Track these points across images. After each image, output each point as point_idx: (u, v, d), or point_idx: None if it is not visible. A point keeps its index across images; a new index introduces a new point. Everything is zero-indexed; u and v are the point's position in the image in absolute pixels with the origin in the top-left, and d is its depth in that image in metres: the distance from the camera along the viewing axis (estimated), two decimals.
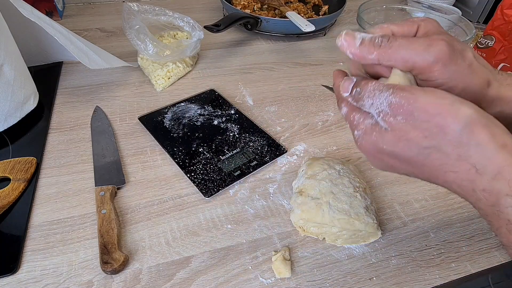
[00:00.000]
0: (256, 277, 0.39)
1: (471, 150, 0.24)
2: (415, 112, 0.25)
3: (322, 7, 0.92)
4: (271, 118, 0.60)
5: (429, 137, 0.25)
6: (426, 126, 0.25)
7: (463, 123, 0.24)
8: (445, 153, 0.25)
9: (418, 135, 0.25)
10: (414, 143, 0.26)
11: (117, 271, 0.38)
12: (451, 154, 0.25)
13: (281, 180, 0.50)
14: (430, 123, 0.25)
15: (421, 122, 0.25)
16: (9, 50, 0.51)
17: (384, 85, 0.27)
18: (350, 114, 0.30)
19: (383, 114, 0.27)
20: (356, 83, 0.29)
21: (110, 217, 0.42)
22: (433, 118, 0.25)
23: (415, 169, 0.27)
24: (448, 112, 0.25)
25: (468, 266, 0.42)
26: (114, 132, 0.55)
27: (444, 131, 0.25)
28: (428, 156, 0.26)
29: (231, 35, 0.82)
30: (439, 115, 0.25)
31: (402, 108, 0.26)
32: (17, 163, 0.48)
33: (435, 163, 0.26)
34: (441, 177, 0.26)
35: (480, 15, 0.91)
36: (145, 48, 0.61)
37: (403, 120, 0.26)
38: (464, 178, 0.25)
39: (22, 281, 0.38)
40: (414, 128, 0.26)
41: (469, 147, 0.24)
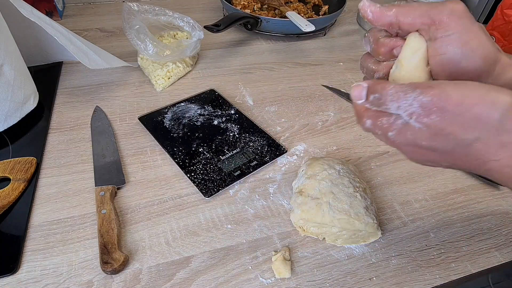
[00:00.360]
0: (256, 277, 0.39)
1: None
2: (450, 108, 0.24)
3: (322, 7, 0.92)
4: (271, 118, 0.60)
5: (468, 129, 0.25)
6: (462, 120, 0.24)
7: (502, 110, 0.24)
8: (486, 143, 0.24)
9: (456, 129, 0.25)
10: (452, 136, 0.25)
11: (117, 271, 0.38)
12: (492, 143, 0.24)
13: (281, 180, 0.50)
14: (466, 115, 0.24)
15: (456, 116, 0.24)
16: (9, 50, 0.51)
17: (407, 86, 0.26)
18: (376, 121, 0.29)
19: (415, 116, 0.26)
20: (370, 89, 0.28)
21: (110, 217, 0.42)
22: (469, 110, 0.24)
23: (456, 160, 0.27)
24: (485, 101, 0.24)
25: (468, 266, 0.42)
26: (114, 132, 0.55)
27: (482, 121, 0.24)
28: (469, 147, 0.25)
29: (231, 35, 0.82)
30: (476, 105, 0.24)
31: (435, 107, 0.25)
32: (17, 163, 0.48)
33: (477, 153, 0.25)
34: (482, 167, 0.26)
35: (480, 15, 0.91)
36: (145, 48, 0.61)
37: (438, 118, 0.25)
38: (505, 165, 0.25)
39: (22, 281, 0.38)
40: (451, 124, 0.25)
41: (511, 133, 0.24)
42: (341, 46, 0.82)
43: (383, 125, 0.28)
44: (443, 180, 0.51)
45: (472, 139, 0.25)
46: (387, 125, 0.28)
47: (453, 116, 0.25)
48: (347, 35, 0.86)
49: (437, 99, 0.25)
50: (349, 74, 0.72)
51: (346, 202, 0.42)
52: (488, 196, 0.50)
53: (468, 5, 0.93)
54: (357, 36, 0.85)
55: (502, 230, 0.46)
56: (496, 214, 0.47)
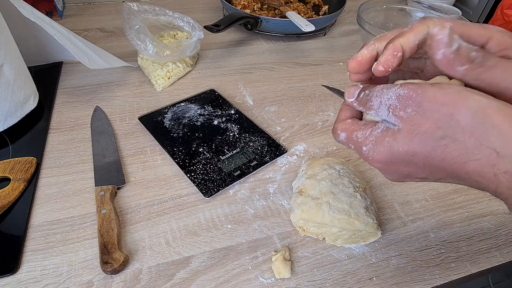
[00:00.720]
0: (256, 277, 0.39)
1: (489, 133, 0.23)
2: (425, 102, 0.25)
3: (322, 7, 0.92)
4: (271, 118, 0.60)
5: (442, 127, 0.25)
6: (437, 116, 0.25)
7: (474, 109, 0.24)
8: (462, 142, 0.24)
9: (431, 126, 0.25)
10: (428, 135, 0.25)
11: (117, 271, 0.38)
12: (468, 142, 0.24)
13: (281, 180, 0.50)
14: (441, 112, 0.24)
15: (431, 112, 0.25)
16: (9, 50, 0.51)
17: (392, 84, 0.27)
18: (351, 136, 0.29)
19: (392, 108, 0.26)
20: (364, 88, 0.29)
21: (110, 217, 0.42)
22: (443, 107, 0.24)
23: (434, 168, 0.26)
24: (457, 100, 0.24)
25: (468, 266, 0.42)
26: (114, 132, 0.55)
27: (456, 119, 0.24)
28: (445, 148, 0.25)
29: (231, 35, 0.82)
30: (449, 103, 0.24)
31: (411, 99, 0.25)
32: (17, 163, 0.48)
33: (453, 154, 0.25)
34: (462, 170, 0.25)
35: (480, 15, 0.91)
36: (145, 48, 0.61)
37: (413, 112, 0.25)
38: (485, 164, 0.24)
39: (22, 281, 0.38)
40: (426, 118, 0.25)
41: (486, 131, 0.23)
42: (341, 46, 0.82)
43: (358, 139, 0.29)
44: None
45: (446, 137, 0.25)
46: (361, 139, 0.28)
47: (428, 111, 0.25)
48: (347, 35, 0.86)
49: (413, 92, 0.25)
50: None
51: (346, 202, 0.42)
52: (488, 196, 0.50)
53: (468, 5, 0.93)
54: (357, 36, 0.85)
55: (502, 230, 0.46)
56: (496, 214, 0.47)
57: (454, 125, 0.24)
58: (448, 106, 0.24)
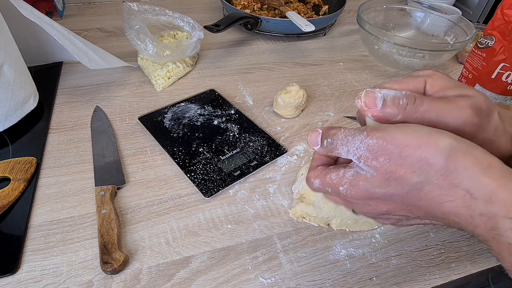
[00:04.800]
0: (256, 277, 0.39)
1: (461, 175, 0.24)
2: (396, 150, 0.25)
3: (322, 7, 0.92)
4: (271, 118, 0.60)
5: (417, 171, 0.25)
6: (410, 161, 0.25)
7: (446, 152, 0.24)
8: (437, 184, 0.25)
9: (406, 171, 0.25)
10: (403, 180, 0.25)
11: (117, 271, 0.38)
12: (443, 183, 0.24)
13: (281, 180, 0.50)
14: (413, 157, 0.24)
15: (404, 158, 0.25)
16: (9, 50, 0.51)
17: (355, 129, 0.27)
18: (325, 180, 0.29)
19: (363, 159, 0.26)
20: (324, 134, 0.29)
21: (110, 217, 0.42)
22: (414, 151, 0.24)
23: (412, 207, 0.27)
24: (428, 143, 0.24)
25: (468, 266, 0.42)
26: (114, 132, 0.55)
27: (429, 163, 0.24)
28: (421, 190, 0.25)
29: (231, 35, 0.82)
30: (420, 147, 0.24)
31: (381, 149, 0.25)
32: (17, 163, 0.48)
33: (429, 195, 0.25)
34: (438, 210, 0.26)
35: (480, 15, 0.91)
36: (145, 48, 0.61)
37: (386, 161, 0.25)
38: (460, 205, 0.24)
39: (22, 281, 0.38)
40: (400, 166, 0.25)
41: (458, 173, 0.24)
42: (341, 46, 0.82)
43: (332, 181, 0.28)
44: None
45: (423, 181, 0.25)
46: (336, 180, 0.28)
47: (400, 157, 0.25)
48: (347, 35, 0.86)
49: (382, 141, 0.25)
50: (349, 74, 0.72)
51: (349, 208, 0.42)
52: None
53: (468, 5, 0.93)
54: (357, 36, 0.85)
55: None
56: None
57: (428, 169, 0.24)
58: (421, 150, 0.24)
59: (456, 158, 0.24)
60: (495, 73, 0.57)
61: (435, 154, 0.24)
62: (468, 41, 0.65)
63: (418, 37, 0.80)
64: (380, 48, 0.70)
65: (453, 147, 0.24)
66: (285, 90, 0.59)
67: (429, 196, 0.25)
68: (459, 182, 0.24)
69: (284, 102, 0.58)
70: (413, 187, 0.25)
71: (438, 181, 0.24)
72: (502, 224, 0.23)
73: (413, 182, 0.25)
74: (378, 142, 0.25)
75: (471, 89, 0.28)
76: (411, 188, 0.25)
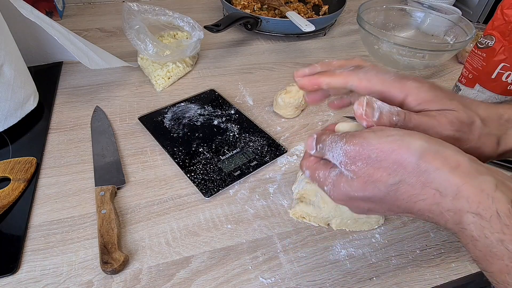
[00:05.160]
0: (256, 277, 0.39)
1: (431, 176, 0.26)
2: (372, 154, 0.27)
3: (322, 7, 0.92)
4: (271, 118, 0.60)
5: (392, 174, 0.27)
6: (386, 165, 0.27)
7: (417, 154, 0.26)
8: (411, 185, 0.26)
9: (382, 174, 0.27)
10: (381, 183, 0.27)
11: (117, 271, 0.38)
12: (416, 184, 0.26)
13: (281, 180, 0.50)
14: (388, 160, 0.26)
15: (380, 161, 0.27)
16: (9, 50, 0.51)
17: (337, 136, 0.29)
18: (314, 174, 0.31)
19: (343, 164, 0.28)
20: (317, 139, 0.31)
21: (110, 217, 0.42)
22: (389, 155, 0.26)
23: (391, 206, 0.28)
24: (401, 147, 0.26)
25: (468, 266, 0.41)
26: (114, 132, 0.55)
27: (403, 165, 0.26)
28: (397, 191, 0.27)
29: (231, 35, 0.82)
30: (394, 151, 0.26)
31: (358, 154, 0.27)
32: (17, 163, 0.48)
33: (405, 196, 0.27)
34: (414, 208, 0.27)
35: (480, 15, 0.91)
36: (145, 48, 0.61)
37: (364, 165, 0.27)
38: (432, 203, 0.26)
39: (22, 281, 0.38)
40: (377, 169, 0.27)
41: (429, 173, 0.26)
42: (341, 46, 0.82)
43: (319, 179, 0.31)
44: None
45: (397, 182, 0.27)
46: (322, 179, 0.30)
47: (376, 161, 0.27)
48: (347, 35, 0.86)
49: (359, 147, 0.27)
50: None
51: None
52: None
53: (468, 5, 0.93)
54: (357, 36, 0.85)
55: None
56: None
57: (402, 171, 0.26)
58: (395, 153, 0.26)
59: (427, 159, 0.26)
60: (495, 73, 0.57)
61: (408, 157, 0.26)
62: (468, 41, 0.65)
63: (418, 37, 0.80)
64: (380, 48, 0.70)
65: (424, 149, 0.26)
66: (285, 90, 0.59)
67: (405, 196, 0.27)
68: (430, 182, 0.26)
69: (284, 102, 0.58)
70: (390, 189, 0.27)
71: (412, 182, 0.26)
72: (466, 218, 0.25)
73: (389, 184, 0.27)
74: (355, 148, 0.28)
75: (452, 101, 0.30)
76: (388, 189, 0.27)
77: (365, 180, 0.27)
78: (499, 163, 0.53)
